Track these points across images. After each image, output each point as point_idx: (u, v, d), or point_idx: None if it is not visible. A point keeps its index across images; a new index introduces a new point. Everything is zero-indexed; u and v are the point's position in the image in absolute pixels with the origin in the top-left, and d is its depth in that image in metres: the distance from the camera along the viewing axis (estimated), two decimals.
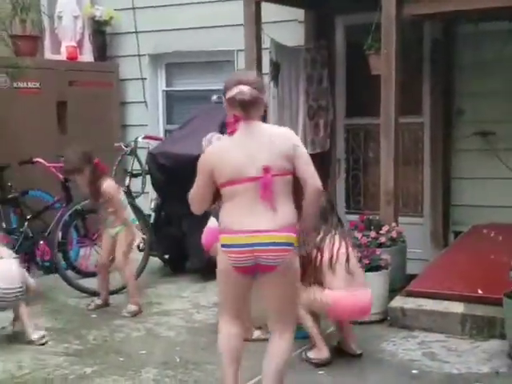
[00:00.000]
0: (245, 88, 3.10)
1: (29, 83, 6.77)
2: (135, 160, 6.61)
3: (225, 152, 3.16)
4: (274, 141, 3.12)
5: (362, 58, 5.97)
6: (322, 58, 6.82)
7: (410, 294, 5.01)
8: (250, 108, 3.13)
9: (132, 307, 5.24)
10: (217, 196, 3.25)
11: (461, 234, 6.37)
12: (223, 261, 3.16)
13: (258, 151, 3.08)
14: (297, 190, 3.20)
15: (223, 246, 3.15)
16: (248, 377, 3.73)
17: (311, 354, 4.20)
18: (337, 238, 4.22)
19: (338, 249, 4.15)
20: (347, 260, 4.14)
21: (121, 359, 4.38)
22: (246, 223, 3.06)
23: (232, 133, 3.17)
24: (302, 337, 4.33)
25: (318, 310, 4.17)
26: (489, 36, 6.17)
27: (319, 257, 4.12)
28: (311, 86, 6.72)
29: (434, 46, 6.46)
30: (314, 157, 6.44)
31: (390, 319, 4.91)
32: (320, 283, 4.12)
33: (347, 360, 4.32)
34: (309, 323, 4.16)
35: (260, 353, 3.38)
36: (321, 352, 4.17)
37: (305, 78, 6.68)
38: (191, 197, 3.32)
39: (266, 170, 3.03)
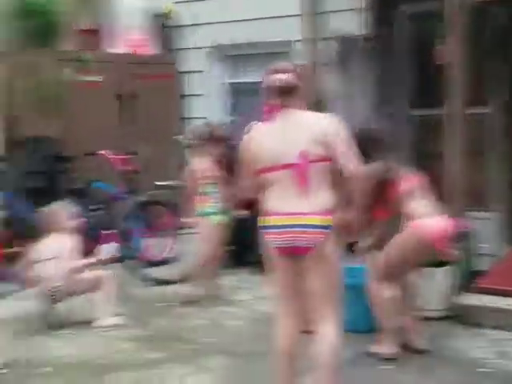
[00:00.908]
0: (282, 76, 3.16)
1: (92, 76, 6.85)
2: None
3: (262, 139, 3.20)
4: (310, 127, 3.13)
5: (427, 46, 5.92)
6: (383, 47, 6.67)
7: (479, 291, 4.92)
8: (286, 95, 3.16)
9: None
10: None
11: None
12: (266, 245, 3.21)
13: (294, 138, 3.10)
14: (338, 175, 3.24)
15: (264, 227, 3.19)
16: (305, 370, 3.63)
17: (378, 349, 4.11)
18: (402, 170, 4.26)
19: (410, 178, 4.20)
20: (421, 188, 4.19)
21: (185, 347, 4.42)
22: (284, 207, 3.10)
23: (268, 120, 3.21)
24: (366, 330, 4.34)
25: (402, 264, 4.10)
26: None
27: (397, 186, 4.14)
28: (372, 75, 6.62)
29: (502, 33, 6.25)
30: None
31: (457, 316, 4.82)
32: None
33: (412, 356, 4.23)
34: (384, 314, 4.10)
35: None
36: (389, 346, 4.09)
37: (366, 69, 6.59)
38: (240, 184, 3.40)
39: (302, 156, 3.06)
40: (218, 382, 3.89)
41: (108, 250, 4.82)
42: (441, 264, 4.88)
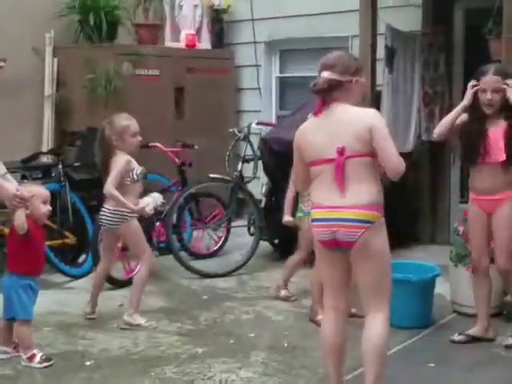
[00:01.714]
0: (324, 75, 3.13)
1: (149, 70, 6.92)
2: (248, 145, 6.60)
3: (308, 133, 3.25)
4: (351, 123, 3.12)
5: (482, 42, 5.83)
6: (439, 43, 6.63)
7: None
8: (332, 91, 3.14)
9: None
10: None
11: None
12: (314, 236, 3.27)
13: (335, 133, 3.11)
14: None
15: (312, 220, 3.26)
16: (353, 365, 3.64)
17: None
18: None
19: None
20: None
21: (230, 341, 4.42)
22: (325, 200, 3.15)
23: (316, 114, 3.22)
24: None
25: None
26: None
27: None
28: (427, 71, 6.58)
29: None
30: (431, 145, 6.42)
31: (507, 314, 4.75)
32: None
33: (461, 353, 4.20)
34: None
35: None
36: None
37: (421, 64, 6.54)
38: (293, 175, 3.53)
39: (341, 152, 3.07)
40: (263, 376, 3.86)
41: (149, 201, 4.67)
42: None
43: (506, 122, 4.01)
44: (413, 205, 6.76)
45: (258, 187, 6.67)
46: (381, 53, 6.07)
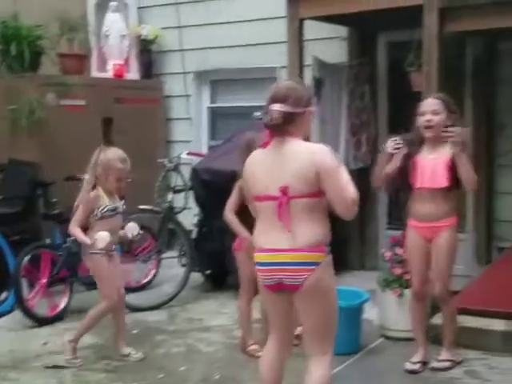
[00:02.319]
0: (276, 107, 2.96)
1: (75, 100, 6.82)
2: (178, 176, 6.58)
3: (253, 165, 3.13)
4: (296, 161, 2.94)
5: (404, 74, 5.95)
6: (364, 75, 6.78)
7: None
8: (279, 127, 2.98)
9: None
10: None
11: (504, 250, 6.24)
12: (258, 279, 3.17)
13: (280, 170, 2.96)
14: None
15: (256, 263, 3.13)
16: None
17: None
18: None
19: None
20: None
21: (161, 376, 4.36)
22: (268, 242, 3.03)
23: (265, 146, 3.09)
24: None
25: None
26: None
27: None
28: (353, 102, 6.69)
29: (476, 63, 6.37)
30: (358, 172, 6.52)
31: (432, 336, 4.72)
32: None
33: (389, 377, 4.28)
34: None
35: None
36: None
37: (347, 95, 6.65)
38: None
39: (283, 191, 2.93)
40: None
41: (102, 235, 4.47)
42: None
43: (451, 151, 4.03)
44: (342, 231, 6.84)
45: (190, 218, 6.64)
46: (308, 84, 6.16)
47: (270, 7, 6.56)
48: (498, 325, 4.63)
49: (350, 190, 2.93)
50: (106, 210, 4.51)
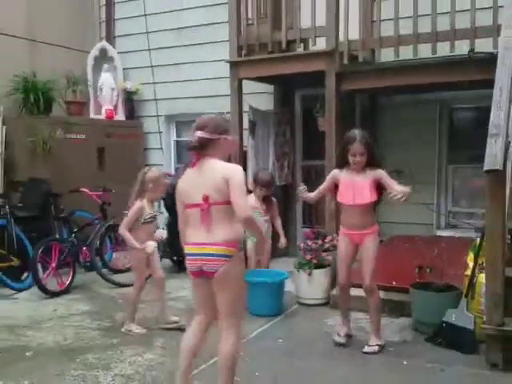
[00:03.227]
0: (197, 134, 2.83)
1: (77, 135, 6.78)
2: None
3: (183, 182, 2.94)
4: (213, 177, 2.81)
5: (313, 119, 6.02)
6: (285, 119, 6.85)
7: None
8: (201, 149, 2.84)
9: None
10: None
11: (382, 241, 6.19)
12: (187, 266, 2.96)
13: (202, 184, 2.82)
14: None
15: (186, 254, 2.94)
16: (207, 358, 3.53)
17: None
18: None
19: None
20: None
21: (138, 333, 4.32)
22: (194, 238, 2.87)
23: (192, 166, 2.91)
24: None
25: None
26: (400, 105, 6.27)
27: None
28: (278, 138, 6.74)
29: (362, 112, 6.51)
30: (282, 187, 6.63)
31: (332, 303, 4.85)
32: None
33: (300, 332, 4.27)
34: None
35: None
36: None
37: (273, 133, 6.70)
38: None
39: (205, 199, 2.80)
40: (161, 357, 3.82)
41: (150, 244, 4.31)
42: (321, 266, 4.99)
43: (371, 175, 3.86)
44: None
45: (162, 220, 6.63)
46: (246, 124, 6.21)
47: (219, 70, 6.54)
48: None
49: (244, 201, 2.83)
50: (148, 217, 4.37)
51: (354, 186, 3.87)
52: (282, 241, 5.23)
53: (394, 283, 4.72)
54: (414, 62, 5.11)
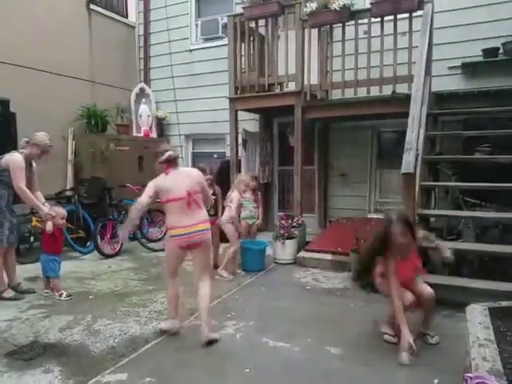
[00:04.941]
0: (170, 152, 2.92)
1: (124, 147, 6.67)
2: None
3: (163, 183, 2.86)
4: (190, 175, 2.91)
5: (286, 137, 6.03)
6: (267, 137, 6.80)
7: (307, 250, 5.00)
8: (174, 161, 2.91)
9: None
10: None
11: (331, 221, 6.30)
12: (171, 244, 2.86)
13: (182, 182, 2.84)
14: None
15: (172, 236, 2.84)
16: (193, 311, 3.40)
17: None
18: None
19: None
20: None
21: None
22: (183, 222, 2.81)
23: (166, 173, 2.88)
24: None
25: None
26: (345, 129, 6.25)
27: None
28: (262, 151, 6.68)
29: (320, 133, 6.49)
30: (264, 185, 6.60)
31: (297, 262, 4.87)
32: None
33: (277, 282, 4.22)
34: None
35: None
36: None
37: (259, 147, 6.65)
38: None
39: (188, 192, 2.80)
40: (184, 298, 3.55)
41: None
42: (291, 238, 4.97)
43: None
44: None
45: None
46: (240, 141, 6.16)
47: (220, 104, 6.47)
48: (328, 256, 4.70)
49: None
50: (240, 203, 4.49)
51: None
52: (259, 221, 5.13)
53: (339, 249, 4.75)
54: (354, 99, 5.12)
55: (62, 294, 3.85)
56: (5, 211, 3.69)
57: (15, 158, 3.64)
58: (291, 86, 5.47)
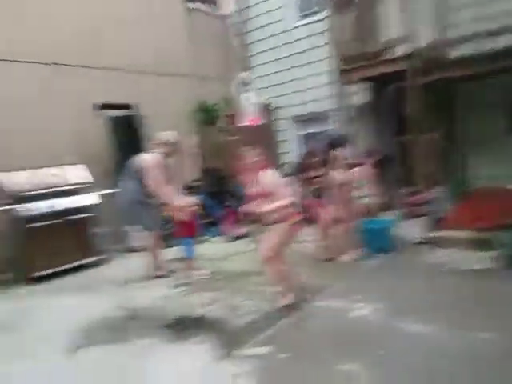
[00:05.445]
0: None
1: (233, 137, 6.81)
2: None
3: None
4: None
5: (402, 104, 5.44)
6: (382, 107, 6.27)
7: (440, 228, 4.59)
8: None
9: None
10: None
11: (467, 194, 5.34)
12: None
13: None
14: None
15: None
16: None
17: None
18: None
19: None
20: None
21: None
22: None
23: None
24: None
25: None
26: (475, 89, 5.49)
27: None
28: (375, 123, 6.23)
29: (442, 96, 5.63)
30: (382, 158, 5.94)
31: (429, 242, 4.49)
32: None
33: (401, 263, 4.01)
34: None
35: None
36: None
37: (373, 119, 6.22)
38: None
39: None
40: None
41: None
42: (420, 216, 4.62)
43: None
44: None
45: None
46: (348, 116, 5.90)
47: (319, 81, 6.29)
48: (464, 234, 4.26)
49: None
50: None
51: None
52: (373, 201, 4.72)
53: (479, 225, 4.22)
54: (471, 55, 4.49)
55: (201, 272, 4.14)
56: (147, 202, 4.13)
57: (149, 158, 4.02)
58: (401, 50, 5.05)
